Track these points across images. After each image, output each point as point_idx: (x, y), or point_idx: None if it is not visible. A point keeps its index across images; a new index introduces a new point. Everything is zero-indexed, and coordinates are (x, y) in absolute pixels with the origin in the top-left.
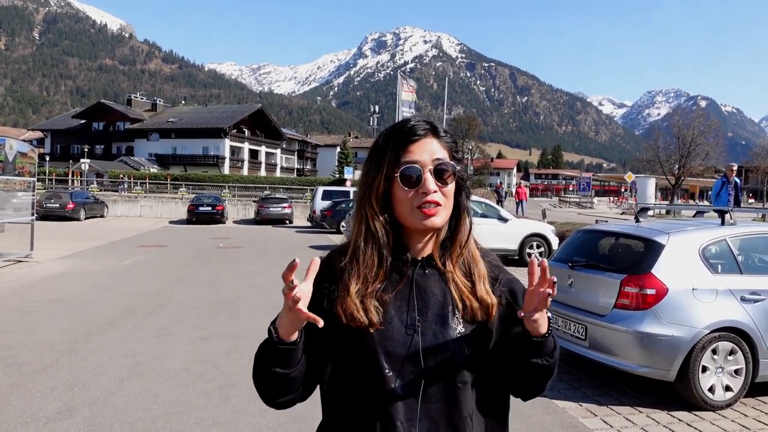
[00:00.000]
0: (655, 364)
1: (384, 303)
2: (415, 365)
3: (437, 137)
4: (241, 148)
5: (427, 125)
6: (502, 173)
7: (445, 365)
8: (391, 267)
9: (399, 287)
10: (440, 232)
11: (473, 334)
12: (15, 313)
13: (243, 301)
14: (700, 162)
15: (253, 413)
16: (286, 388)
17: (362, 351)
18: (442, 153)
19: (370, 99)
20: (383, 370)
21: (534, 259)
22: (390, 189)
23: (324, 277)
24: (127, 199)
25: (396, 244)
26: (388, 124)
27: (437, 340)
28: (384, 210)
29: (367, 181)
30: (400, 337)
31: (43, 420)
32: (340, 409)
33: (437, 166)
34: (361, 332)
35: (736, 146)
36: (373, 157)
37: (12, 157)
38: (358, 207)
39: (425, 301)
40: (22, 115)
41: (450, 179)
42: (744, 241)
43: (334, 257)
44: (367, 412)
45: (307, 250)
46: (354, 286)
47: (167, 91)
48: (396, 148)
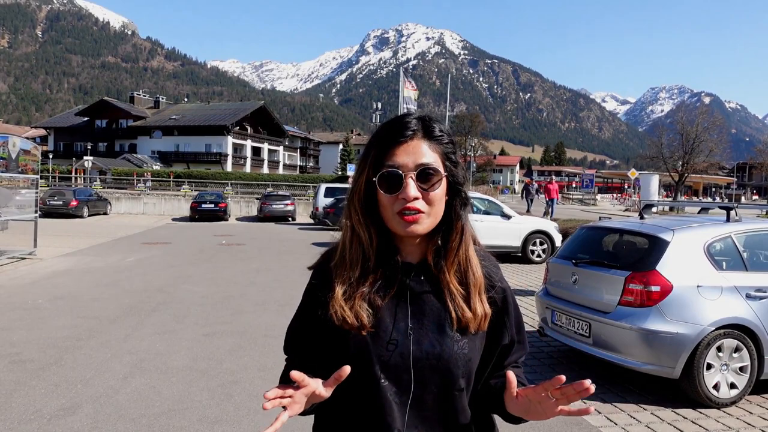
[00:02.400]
0: (659, 361)
1: (377, 308)
2: (409, 373)
3: (429, 138)
4: (243, 146)
5: (418, 125)
6: (505, 170)
7: (441, 372)
8: (383, 272)
9: (392, 293)
10: (434, 238)
11: (469, 342)
12: (19, 310)
13: (246, 298)
14: (703, 159)
15: (256, 410)
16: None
17: (357, 358)
18: (431, 156)
19: (373, 96)
20: (377, 377)
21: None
22: (375, 191)
23: (317, 285)
24: (131, 197)
25: (387, 248)
26: None
27: (433, 348)
28: (368, 211)
29: (354, 181)
30: (394, 344)
31: (46, 417)
32: (334, 415)
33: (421, 170)
34: (355, 338)
35: (740, 143)
36: (362, 156)
37: (15, 154)
38: (346, 206)
39: (420, 307)
40: (25, 112)
41: (435, 185)
42: (749, 237)
43: (325, 260)
44: (362, 419)
45: (309, 247)
46: (340, 288)
47: (170, 88)
48: (379, 149)
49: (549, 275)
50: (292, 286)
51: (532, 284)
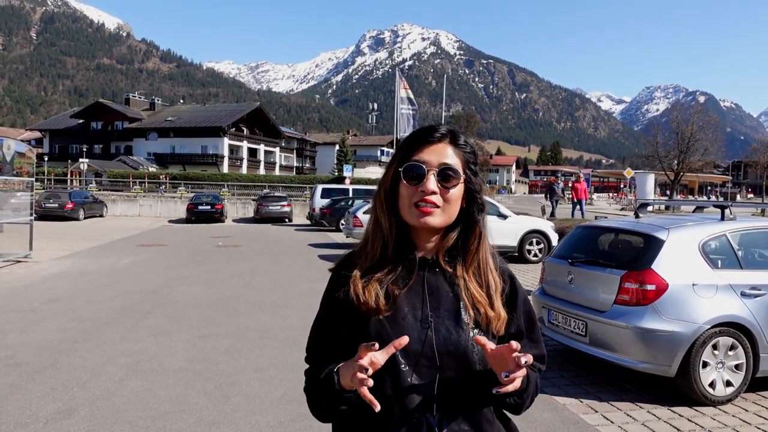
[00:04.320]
0: (655, 359)
1: (395, 297)
2: (430, 360)
3: (454, 145)
4: (239, 147)
5: (447, 132)
6: (502, 170)
7: (459, 360)
8: (401, 262)
9: (410, 283)
10: (447, 238)
11: (485, 333)
12: (14, 313)
13: (242, 299)
14: (699, 157)
15: (253, 411)
16: (347, 412)
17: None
18: (453, 160)
19: (369, 97)
20: (399, 364)
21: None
22: (398, 186)
23: (338, 271)
24: (126, 199)
25: (405, 240)
26: (386, 122)
27: (450, 334)
28: (391, 203)
29: (383, 176)
30: (415, 332)
31: (42, 420)
32: (357, 403)
33: (443, 169)
34: (375, 323)
35: (735, 141)
36: (393, 154)
37: (10, 157)
38: (372, 200)
39: (437, 298)
40: (20, 115)
41: (454, 184)
42: (744, 235)
43: (349, 254)
44: (385, 405)
45: (306, 248)
46: (359, 270)
47: (165, 90)
48: (409, 147)
49: (545, 275)
50: (288, 287)
51: (528, 284)
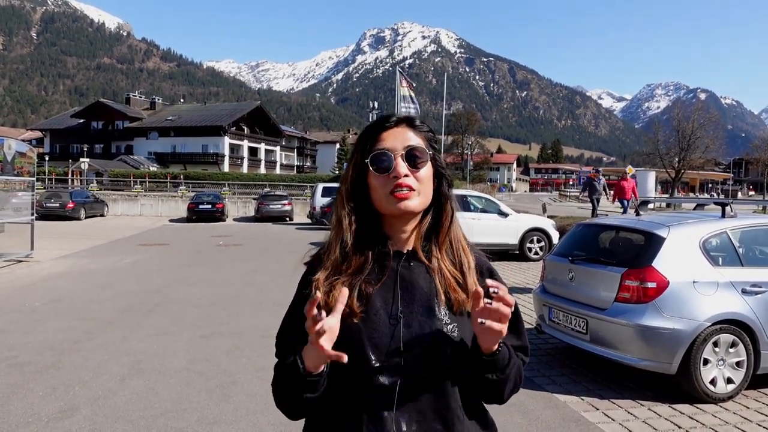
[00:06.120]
0: (656, 357)
1: (369, 295)
2: (399, 356)
3: (411, 127)
4: (240, 146)
5: (401, 117)
6: (502, 168)
7: (431, 356)
8: (374, 258)
9: (384, 279)
10: (423, 223)
11: (459, 326)
12: (16, 312)
13: (243, 299)
14: (700, 155)
15: (254, 411)
16: (313, 405)
17: (349, 343)
18: (416, 140)
19: (369, 95)
20: (370, 361)
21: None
22: (365, 179)
23: (307, 273)
24: (127, 198)
25: (377, 235)
26: None
27: (422, 331)
28: (354, 199)
29: (344, 173)
30: (385, 329)
31: (44, 420)
32: (327, 401)
33: (408, 151)
34: (346, 324)
35: (736, 139)
36: (352, 150)
37: (11, 157)
38: (335, 199)
39: (410, 292)
40: (20, 114)
41: (422, 164)
42: (745, 233)
43: (318, 252)
44: (354, 403)
45: (307, 247)
46: (322, 274)
47: (166, 89)
48: (369, 138)
49: (546, 272)
50: (289, 286)
51: (529, 282)
